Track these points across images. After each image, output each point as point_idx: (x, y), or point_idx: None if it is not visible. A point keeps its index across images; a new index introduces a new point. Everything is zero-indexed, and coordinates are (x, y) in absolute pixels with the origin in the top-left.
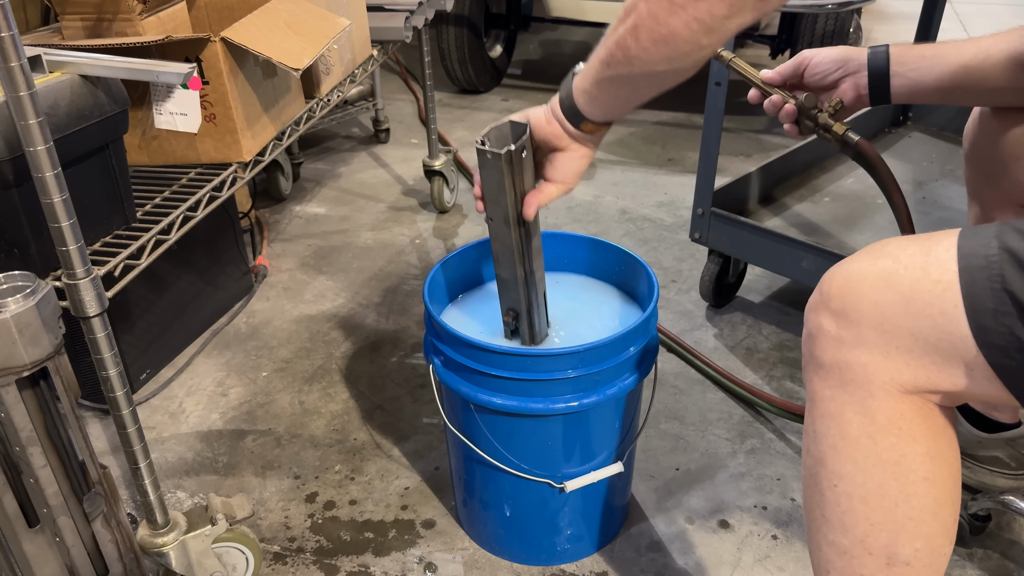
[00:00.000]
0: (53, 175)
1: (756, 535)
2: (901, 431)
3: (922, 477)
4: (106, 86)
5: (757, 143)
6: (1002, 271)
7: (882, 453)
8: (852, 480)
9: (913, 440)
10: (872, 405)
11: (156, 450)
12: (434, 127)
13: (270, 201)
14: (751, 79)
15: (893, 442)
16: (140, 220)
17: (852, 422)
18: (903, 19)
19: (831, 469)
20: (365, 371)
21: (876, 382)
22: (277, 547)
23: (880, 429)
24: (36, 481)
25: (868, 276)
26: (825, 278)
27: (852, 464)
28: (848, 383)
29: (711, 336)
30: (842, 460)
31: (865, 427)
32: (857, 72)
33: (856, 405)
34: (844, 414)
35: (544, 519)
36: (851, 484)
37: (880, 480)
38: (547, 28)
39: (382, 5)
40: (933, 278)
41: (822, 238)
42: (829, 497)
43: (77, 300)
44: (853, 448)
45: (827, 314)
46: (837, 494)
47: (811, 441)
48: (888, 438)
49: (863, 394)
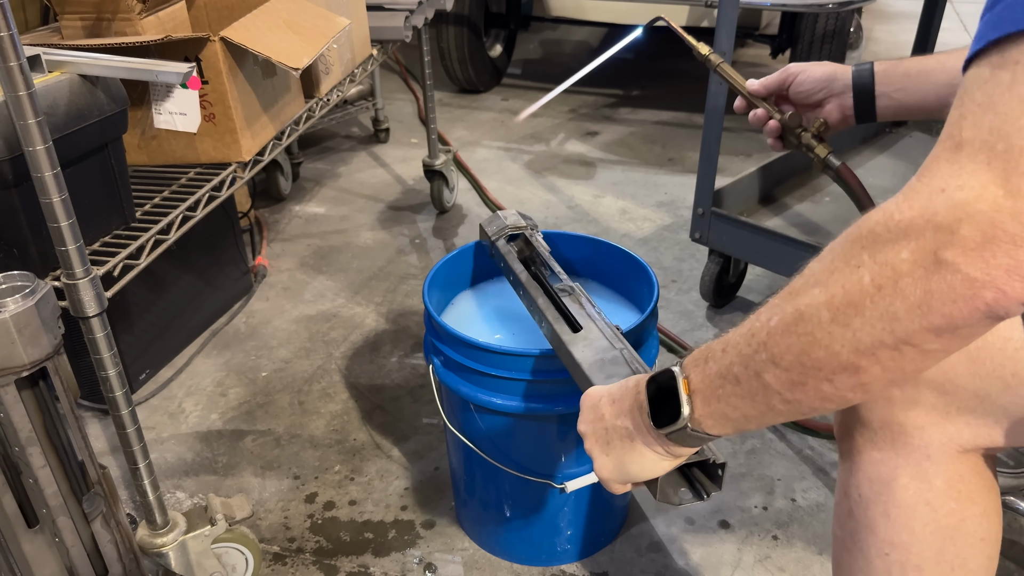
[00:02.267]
0: (52, 175)
1: (756, 535)
2: (961, 494)
3: (979, 539)
4: (105, 86)
5: (757, 143)
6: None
7: (941, 520)
8: (907, 549)
9: (972, 502)
10: (930, 469)
11: (155, 450)
12: (434, 127)
13: (270, 201)
14: (737, 88)
15: (953, 508)
16: (139, 220)
17: (908, 488)
18: (903, 19)
19: (883, 538)
20: (365, 371)
21: (934, 445)
22: (277, 547)
23: (939, 495)
24: (35, 481)
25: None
26: None
27: (908, 533)
28: (903, 446)
29: (711, 336)
30: (896, 529)
31: (923, 493)
32: (842, 93)
33: (912, 469)
34: (898, 479)
35: (544, 519)
36: (906, 553)
37: (938, 547)
38: (547, 28)
39: (382, 5)
40: (1003, 335)
41: (822, 238)
42: (878, 565)
43: (76, 300)
44: (909, 516)
45: None
46: (889, 563)
47: (855, 505)
48: (948, 503)
49: (919, 457)
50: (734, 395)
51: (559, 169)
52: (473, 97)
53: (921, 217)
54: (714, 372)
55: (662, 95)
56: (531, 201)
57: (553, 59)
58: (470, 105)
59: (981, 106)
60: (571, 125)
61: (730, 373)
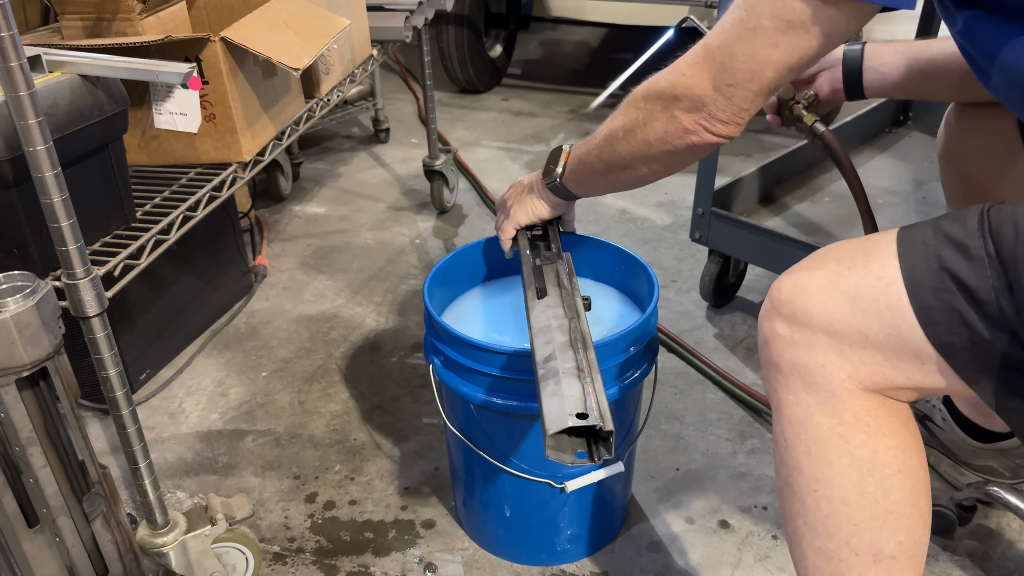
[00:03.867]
0: (53, 175)
1: (756, 535)
2: (870, 427)
3: (896, 470)
4: (106, 86)
5: (757, 143)
6: (938, 251)
7: (855, 451)
8: (830, 482)
9: (882, 435)
10: (837, 405)
11: (156, 450)
12: (434, 127)
13: (270, 201)
14: None
15: (864, 439)
16: (140, 220)
17: (821, 424)
18: (903, 19)
19: (808, 475)
20: (365, 371)
21: (836, 381)
22: (277, 547)
23: (849, 428)
24: (36, 481)
25: (815, 279)
26: (774, 285)
27: (828, 467)
28: (810, 385)
29: (711, 336)
30: (818, 464)
31: (835, 428)
32: (832, 67)
33: (822, 407)
34: (812, 417)
35: (544, 519)
36: (830, 487)
37: (857, 478)
38: (547, 28)
39: (382, 5)
40: (876, 275)
41: (822, 238)
42: (810, 504)
43: (77, 300)
44: (826, 450)
45: (779, 319)
46: (817, 499)
47: (783, 450)
48: (859, 436)
49: (826, 395)
50: (583, 170)
51: None
52: (473, 97)
53: (669, 87)
54: (577, 154)
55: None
56: None
57: (553, 59)
58: (470, 105)
59: (722, 24)
60: (571, 125)
61: (583, 157)
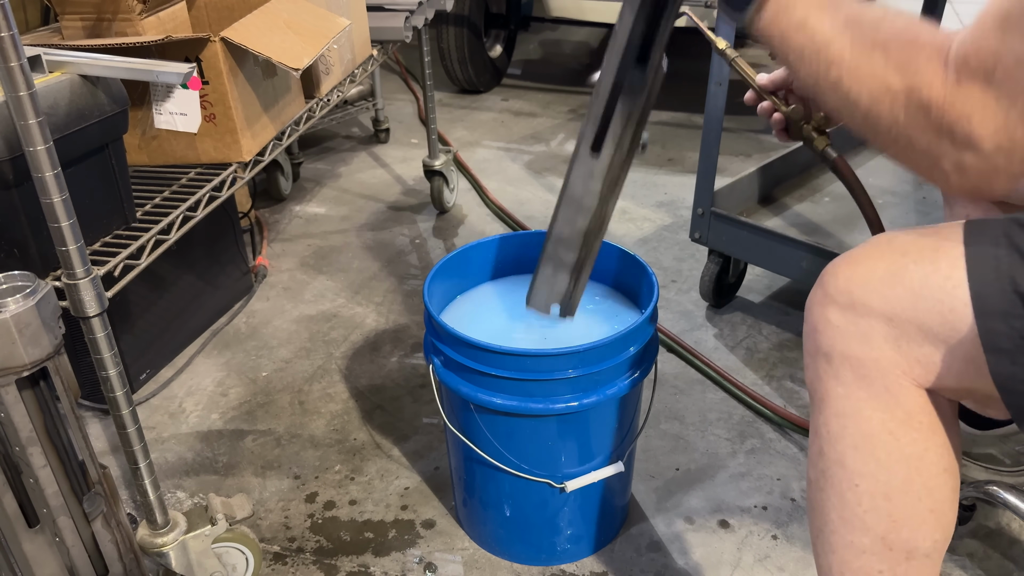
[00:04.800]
0: (53, 175)
1: (756, 535)
2: (922, 425)
3: (943, 469)
4: (106, 86)
5: (757, 143)
6: (1012, 274)
7: (905, 448)
8: (875, 478)
9: (933, 432)
10: (890, 400)
11: (156, 450)
12: (434, 127)
13: (270, 201)
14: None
15: (915, 436)
16: (140, 220)
17: (871, 419)
18: None
19: (851, 469)
20: (365, 371)
21: (891, 376)
22: (277, 547)
23: (900, 424)
24: (36, 481)
25: (877, 270)
26: (828, 271)
27: (875, 462)
28: (862, 378)
29: (711, 336)
30: (864, 458)
31: (886, 423)
32: None
33: (874, 401)
34: (862, 411)
35: (544, 519)
36: (874, 482)
37: (904, 475)
38: (547, 28)
39: (382, 5)
40: (943, 274)
41: (822, 238)
42: (849, 498)
43: (77, 300)
44: (875, 445)
45: (833, 308)
46: (859, 493)
47: (825, 442)
48: (910, 432)
49: (878, 389)
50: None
51: (559, 169)
52: (473, 97)
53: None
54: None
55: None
56: (531, 201)
57: (553, 59)
58: (470, 105)
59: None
60: (571, 125)
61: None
